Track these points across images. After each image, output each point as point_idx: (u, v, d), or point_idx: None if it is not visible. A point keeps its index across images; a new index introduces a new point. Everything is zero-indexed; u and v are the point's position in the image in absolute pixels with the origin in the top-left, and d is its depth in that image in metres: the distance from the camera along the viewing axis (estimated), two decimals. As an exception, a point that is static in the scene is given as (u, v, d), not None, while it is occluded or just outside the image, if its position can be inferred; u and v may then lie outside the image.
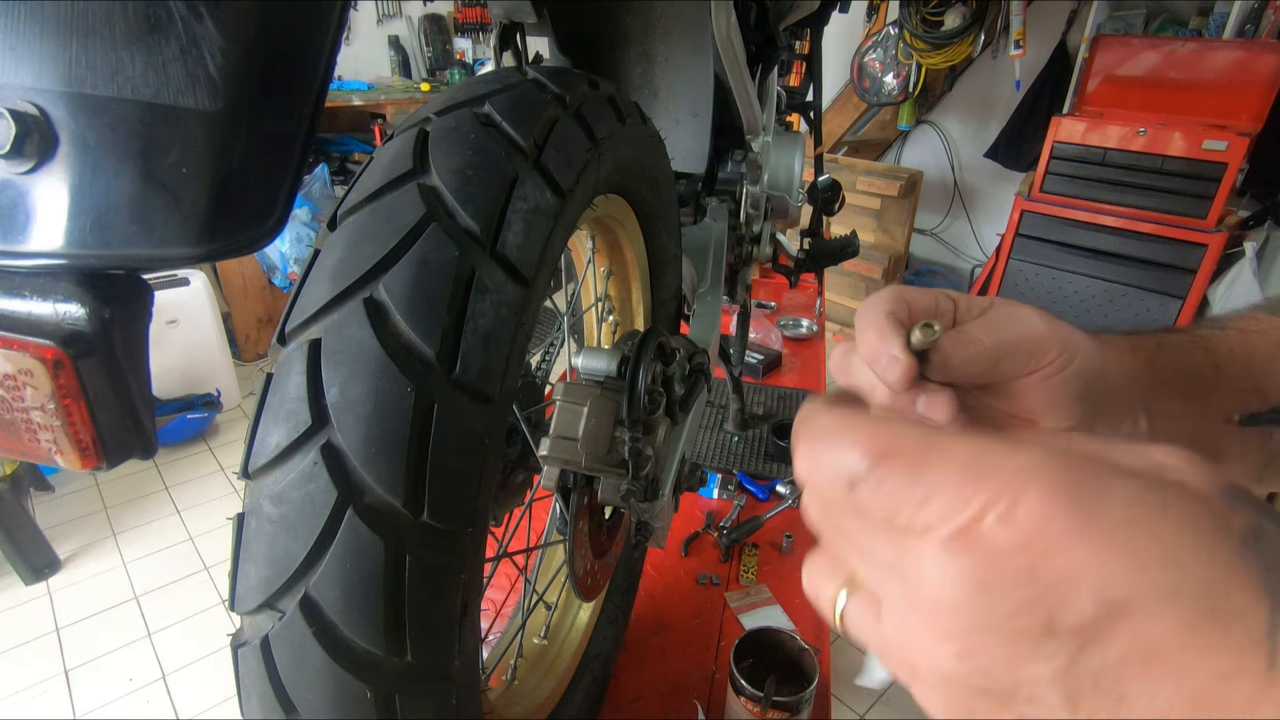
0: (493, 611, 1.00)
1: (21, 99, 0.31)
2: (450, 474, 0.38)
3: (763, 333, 2.00)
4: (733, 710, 0.88)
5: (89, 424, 0.34)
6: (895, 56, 3.43)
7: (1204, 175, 2.63)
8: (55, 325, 0.33)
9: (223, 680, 1.85)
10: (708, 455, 1.51)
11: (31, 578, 2.13)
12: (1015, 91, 3.40)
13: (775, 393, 1.78)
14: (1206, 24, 2.93)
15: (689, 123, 0.91)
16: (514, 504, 0.65)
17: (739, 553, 1.23)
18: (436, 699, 0.41)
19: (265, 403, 0.38)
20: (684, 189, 0.98)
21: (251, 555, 0.37)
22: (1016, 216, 3.10)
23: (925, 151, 4.08)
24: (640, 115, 0.62)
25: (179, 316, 2.74)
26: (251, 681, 0.38)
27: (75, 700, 1.79)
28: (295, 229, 3.32)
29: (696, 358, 0.69)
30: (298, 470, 0.36)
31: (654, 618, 1.08)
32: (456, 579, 0.40)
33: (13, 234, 0.32)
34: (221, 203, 0.34)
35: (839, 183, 1.72)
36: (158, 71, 0.32)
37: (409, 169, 0.40)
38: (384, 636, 0.37)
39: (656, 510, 0.70)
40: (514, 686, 0.74)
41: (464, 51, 4.76)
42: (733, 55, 0.88)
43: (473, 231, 0.40)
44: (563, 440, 0.57)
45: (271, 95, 0.35)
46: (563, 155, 0.46)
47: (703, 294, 1.01)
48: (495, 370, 0.40)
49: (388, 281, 0.38)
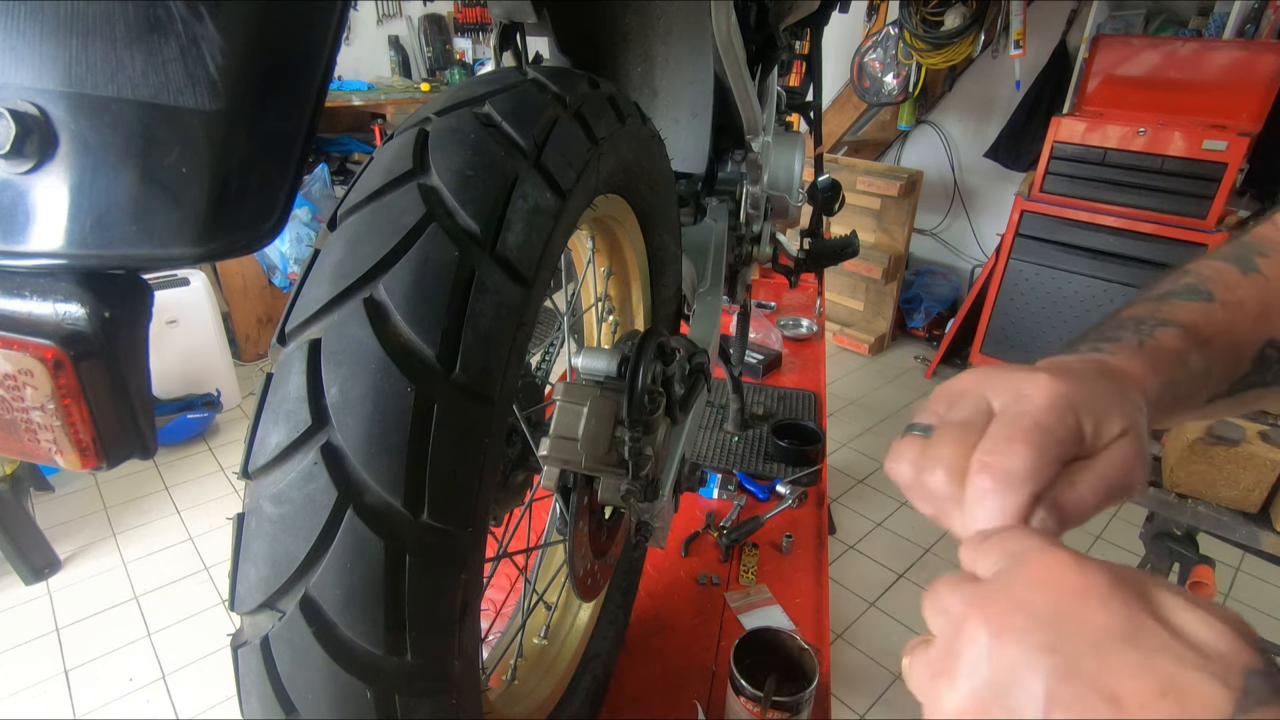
0: (493, 611, 1.00)
1: (21, 99, 0.31)
2: (450, 474, 0.38)
3: (763, 333, 2.00)
4: (733, 710, 0.88)
5: (89, 424, 0.34)
6: (895, 56, 3.43)
7: (1204, 175, 2.63)
8: (55, 325, 0.33)
9: (223, 680, 1.85)
10: (708, 455, 1.51)
11: (31, 578, 2.13)
12: (1015, 91, 3.40)
13: (775, 393, 1.78)
14: (1206, 24, 2.93)
15: (689, 123, 0.91)
16: (514, 504, 0.65)
17: (739, 553, 1.23)
18: (436, 699, 0.41)
19: (265, 403, 0.38)
20: (684, 189, 0.98)
21: (251, 555, 0.37)
22: (1016, 216, 3.10)
23: (925, 151, 4.08)
24: (640, 115, 0.62)
25: (179, 316, 2.75)
26: (251, 681, 0.38)
27: (75, 700, 1.79)
28: (295, 229, 3.32)
29: (696, 358, 0.69)
30: (298, 470, 0.36)
31: (654, 618, 1.08)
32: (456, 579, 0.40)
33: (13, 234, 0.32)
34: (221, 203, 0.34)
35: (839, 183, 1.72)
36: (158, 71, 0.32)
37: (409, 169, 0.40)
38: (384, 636, 0.37)
39: (656, 510, 0.70)
40: (514, 686, 0.74)
41: (464, 51, 4.76)
42: (733, 55, 0.88)
43: (473, 231, 0.40)
44: (563, 440, 0.57)
45: (271, 95, 0.35)
46: (563, 155, 0.46)
47: (703, 294, 1.01)
48: (495, 370, 0.40)
49: (388, 281, 0.38)
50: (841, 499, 2.66)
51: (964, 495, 0.33)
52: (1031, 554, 0.27)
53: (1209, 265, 0.46)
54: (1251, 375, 0.43)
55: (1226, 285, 0.43)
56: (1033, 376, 0.34)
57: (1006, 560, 0.28)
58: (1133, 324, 0.41)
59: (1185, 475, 1.40)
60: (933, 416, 0.38)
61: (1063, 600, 0.25)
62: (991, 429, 0.33)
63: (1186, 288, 0.44)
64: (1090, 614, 0.24)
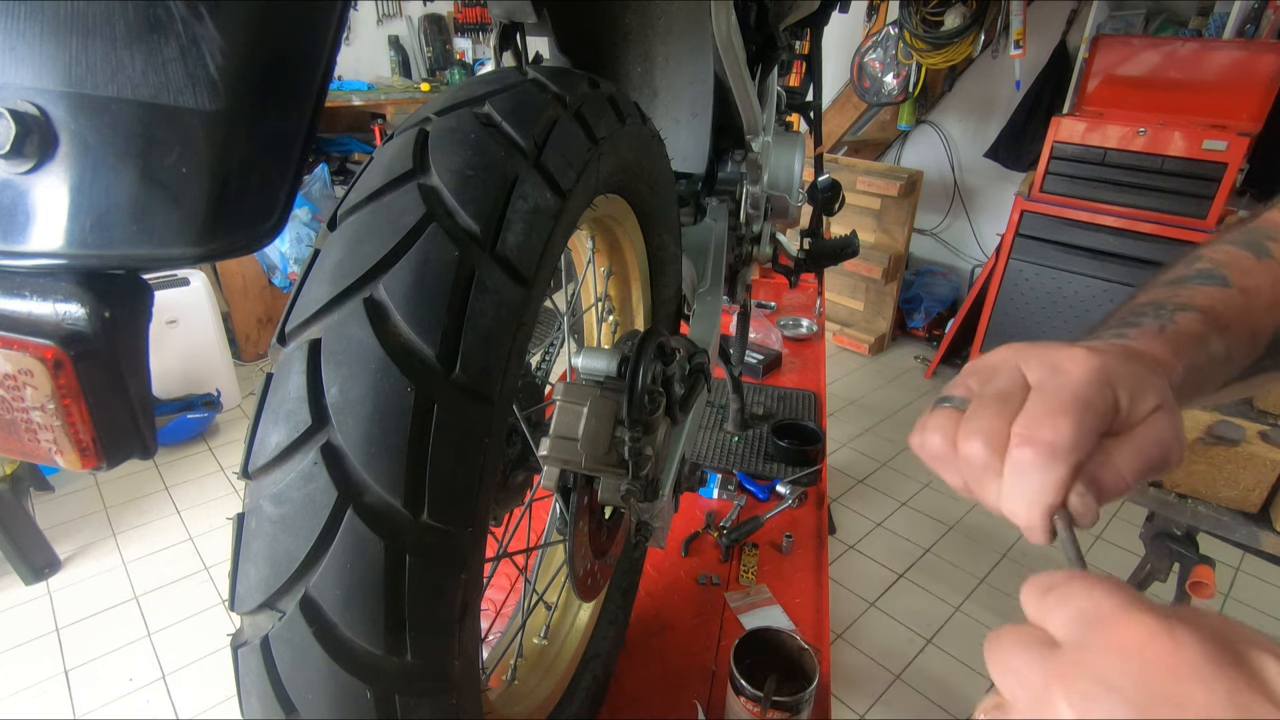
0: (493, 611, 1.00)
1: (21, 99, 0.31)
2: (450, 474, 0.38)
3: (763, 333, 2.00)
4: (733, 710, 0.88)
5: (89, 424, 0.34)
6: (895, 56, 3.43)
7: (1204, 175, 2.63)
8: (55, 325, 0.33)
9: (223, 680, 1.85)
10: (708, 455, 1.51)
11: (31, 578, 2.13)
12: (1015, 91, 3.40)
13: (775, 393, 1.78)
14: (1206, 24, 2.92)
15: (689, 123, 0.91)
16: (514, 504, 0.65)
17: (739, 553, 1.23)
18: (436, 699, 0.41)
19: (265, 403, 0.38)
20: (684, 189, 0.98)
21: (251, 555, 0.37)
22: (1016, 216, 3.10)
23: (925, 151, 4.08)
24: (640, 115, 0.62)
25: (179, 316, 2.75)
26: (251, 681, 0.38)
27: (75, 700, 1.79)
28: (295, 229, 3.32)
29: (696, 358, 0.69)
30: (298, 470, 0.36)
31: (654, 618, 1.08)
32: (456, 579, 0.40)
33: (13, 234, 0.32)
34: (221, 203, 0.34)
35: (839, 183, 1.72)
36: (158, 71, 0.32)
37: (409, 169, 0.40)
38: (384, 636, 0.37)
39: (656, 510, 0.70)
40: (514, 686, 0.74)
41: (464, 51, 4.76)
42: (733, 55, 0.88)
43: (473, 231, 0.40)
44: (563, 440, 0.57)
45: (271, 95, 0.35)
46: (563, 155, 0.46)
47: (703, 294, 1.01)
48: (495, 370, 0.40)
49: (388, 281, 0.38)
50: (841, 499, 2.66)
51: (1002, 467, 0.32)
52: (1114, 619, 0.25)
53: (1222, 250, 0.45)
54: (1265, 359, 0.43)
55: (1242, 270, 0.43)
56: (1070, 351, 0.34)
57: (1085, 624, 0.25)
58: (1151, 309, 0.41)
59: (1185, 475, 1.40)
60: (964, 390, 0.37)
61: (1156, 677, 0.23)
62: (1031, 402, 0.33)
63: (1201, 273, 0.44)
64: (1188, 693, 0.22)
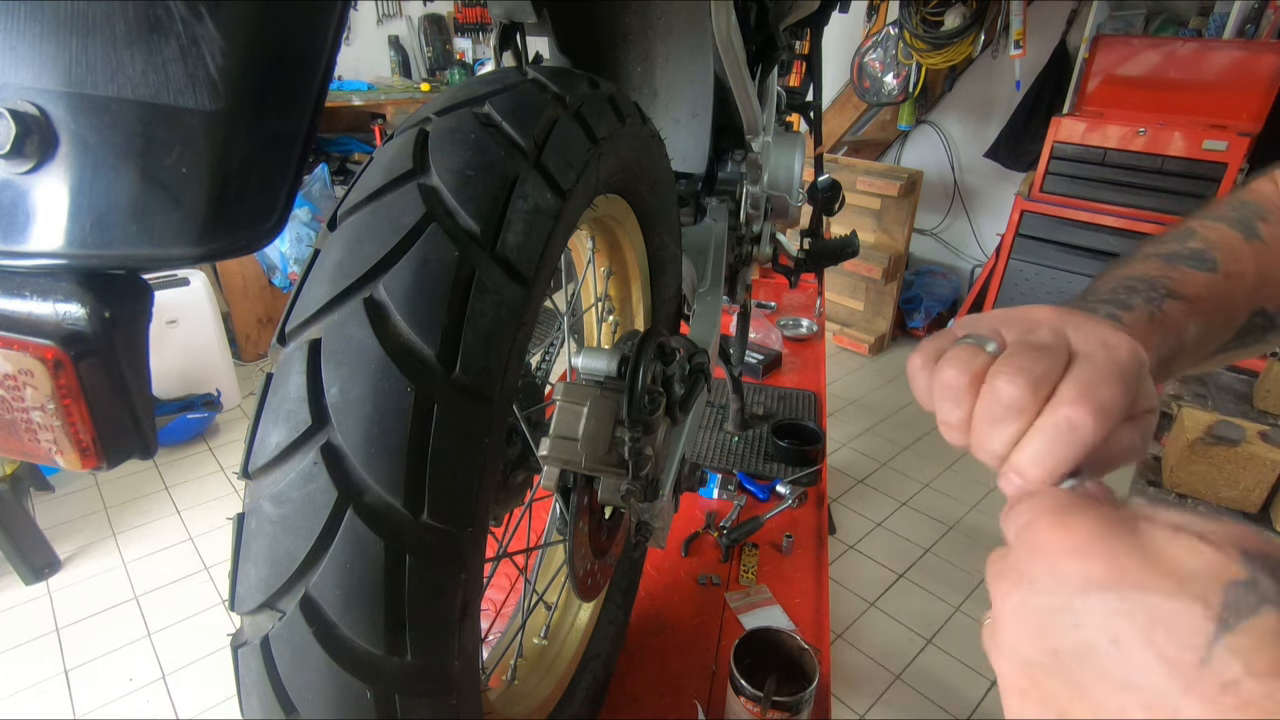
0: (493, 611, 1.00)
1: (21, 99, 0.31)
2: (450, 474, 0.38)
3: (763, 333, 2.00)
4: (733, 710, 0.88)
5: (89, 424, 0.34)
6: (895, 56, 3.43)
7: (1204, 175, 2.63)
8: (55, 325, 0.33)
9: (223, 680, 1.85)
10: (708, 455, 1.51)
11: (31, 578, 2.13)
12: (1015, 91, 3.40)
13: (775, 393, 1.78)
14: (1206, 24, 2.93)
15: (689, 123, 0.91)
16: (514, 504, 0.65)
17: (739, 553, 1.23)
18: (436, 699, 0.41)
19: (265, 403, 0.38)
20: (684, 189, 0.98)
21: (251, 555, 0.37)
22: (1016, 216, 3.10)
23: (925, 151, 4.08)
24: (640, 115, 0.62)
25: (179, 316, 2.75)
26: (251, 681, 0.38)
27: (75, 700, 1.79)
28: (295, 229, 3.32)
29: (696, 358, 0.69)
30: (298, 470, 0.36)
31: (654, 618, 1.08)
32: (456, 579, 0.40)
33: (13, 234, 0.32)
34: (221, 203, 0.34)
35: (839, 183, 1.72)
36: (158, 71, 0.32)
37: (409, 169, 0.40)
38: (384, 636, 0.37)
39: (656, 510, 0.70)
40: (514, 686, 0.74)
41: (464, 51, 4.76)
42: (733, 55, 0.88)
43: (473, 231, 0.40)
44: (563, 440, 0.57)
45: (271, 95, 0.35)
46: (563, 155, 0.46)
47: (703, 294, 1.01)
48: (495, 370, 0.40)
49: (388, 281, 0.38)
50: (841, 499, 2.66)
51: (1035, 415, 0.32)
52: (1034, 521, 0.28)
53: (1215, 229, 0.46)
54: (1233, 341, 0.44)
55: (1232, 254, 0.44)
56: (1115, 332, 0.34)
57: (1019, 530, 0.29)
58: (1145, 288, 0.41)
59: (1185, 475, 1.40)
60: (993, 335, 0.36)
61: (1052, 560, 0.27)
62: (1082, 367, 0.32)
63: (1194, 253, 0.44)
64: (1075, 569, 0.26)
